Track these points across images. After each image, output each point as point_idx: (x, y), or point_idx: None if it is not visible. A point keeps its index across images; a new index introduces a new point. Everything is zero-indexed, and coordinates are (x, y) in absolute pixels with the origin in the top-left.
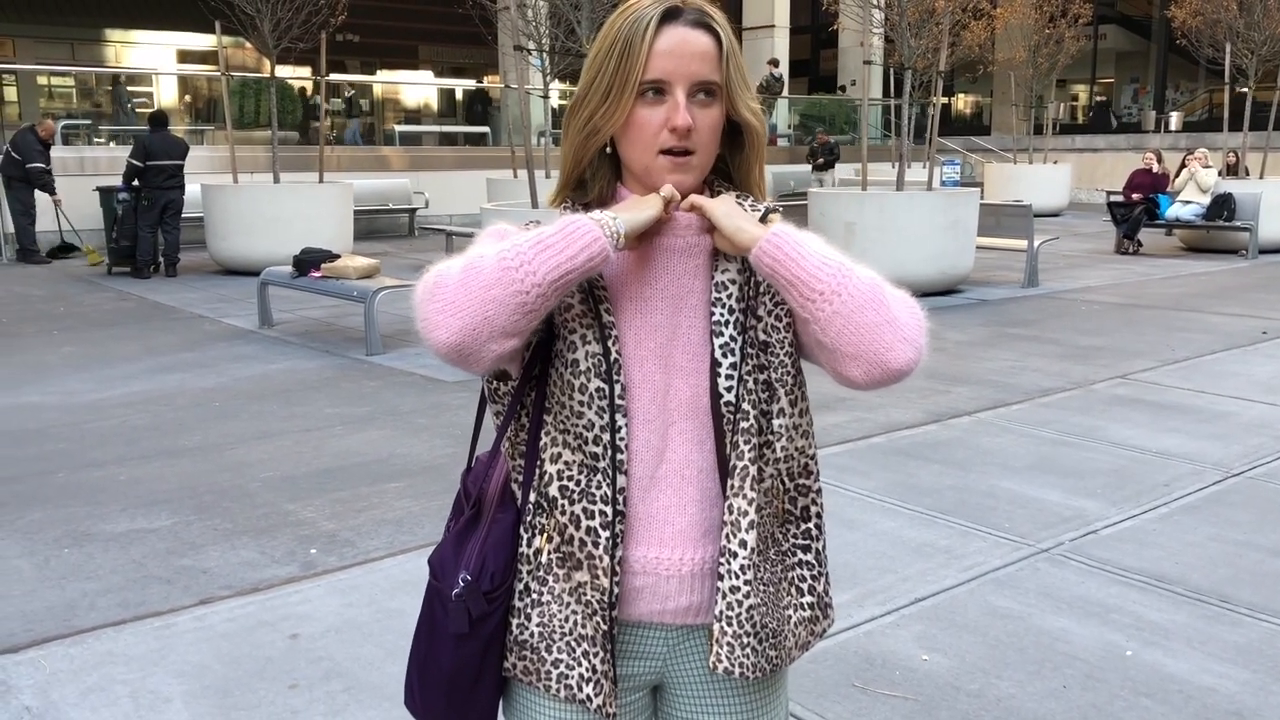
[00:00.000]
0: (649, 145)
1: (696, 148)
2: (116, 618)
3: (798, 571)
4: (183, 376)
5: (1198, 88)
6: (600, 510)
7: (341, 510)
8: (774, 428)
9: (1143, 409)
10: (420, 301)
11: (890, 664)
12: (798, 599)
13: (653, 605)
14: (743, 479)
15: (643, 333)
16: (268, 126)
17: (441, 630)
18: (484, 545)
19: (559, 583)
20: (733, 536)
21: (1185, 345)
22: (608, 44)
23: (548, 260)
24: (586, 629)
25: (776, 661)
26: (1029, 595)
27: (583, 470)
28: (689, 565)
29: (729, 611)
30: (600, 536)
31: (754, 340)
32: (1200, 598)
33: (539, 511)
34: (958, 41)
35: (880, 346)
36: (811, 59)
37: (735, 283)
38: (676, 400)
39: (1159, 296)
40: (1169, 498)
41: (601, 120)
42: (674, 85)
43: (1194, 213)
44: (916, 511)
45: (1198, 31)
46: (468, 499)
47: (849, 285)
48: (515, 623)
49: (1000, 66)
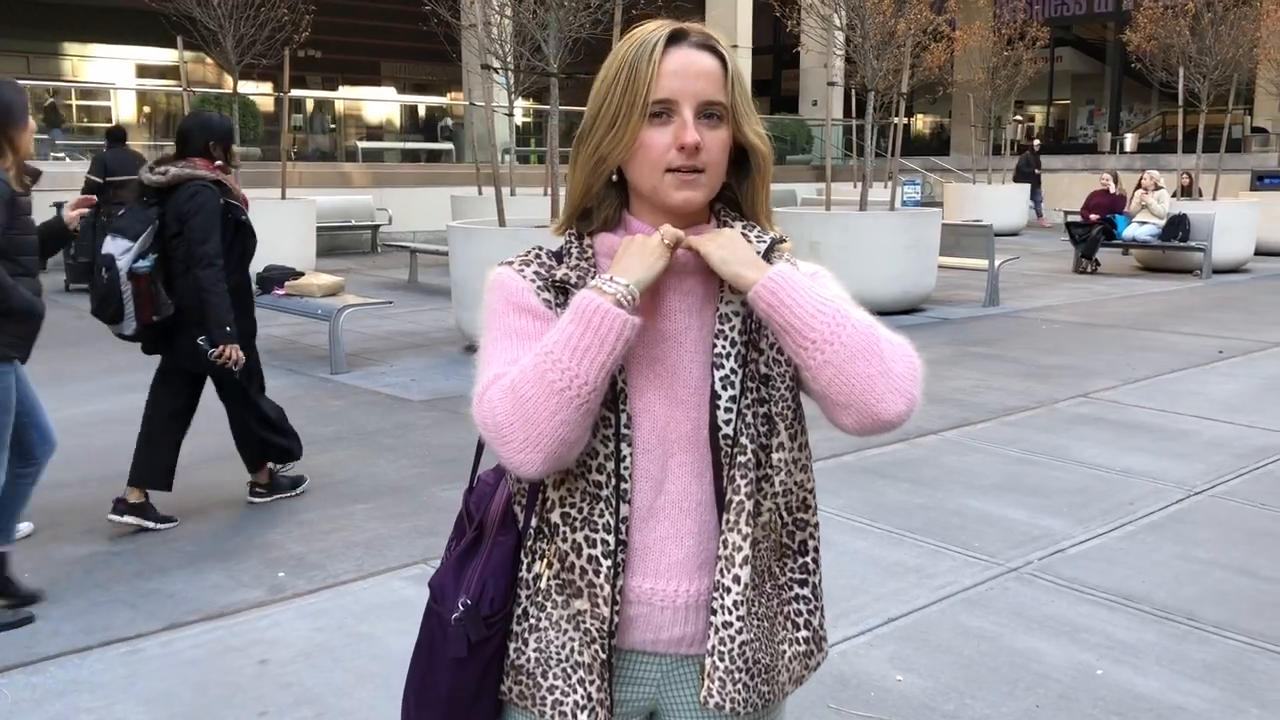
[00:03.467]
0: (656, 165)
1: (705, 166)
2: (80, 644)
3: (794, 605)
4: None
5: (1151, 110)
6: (602, 539)
7: (309, 532)
8: (773, 461)
9: (1105, 428)
10: (493, 444)
11: (865, 684)
12: (793, 633)
13: (646, 635)
14: (738, 513)
15: (644, 364)
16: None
17: (440, 653)
18: (484, 570)
19: (557, 609)
20: (727, 571)
21: (1144, 364)
22: (614, 70)
23: (591, 363)
24: (584, 656)
25: (769, 696)
26: (1000, 615)
27: (585, 498)
28: (684, 597)
29: (721, 646)
30: (601, 565)
31: (755, 373)
32: (1168, 616)
33: (540, 537)
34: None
35: (871, 397)
36: (773, 79)
37: (738, 314)
38: (677, 432)
39: (1117, 316)
40: (1133, 516)
41: (610, 145)
42: (681, 105)
43: (1150, 233)
44: (886, 531)
45: (1152, 55)
46: (470, 520)
47: (842, 334)
48: (513, 647)
49: (959, 88)
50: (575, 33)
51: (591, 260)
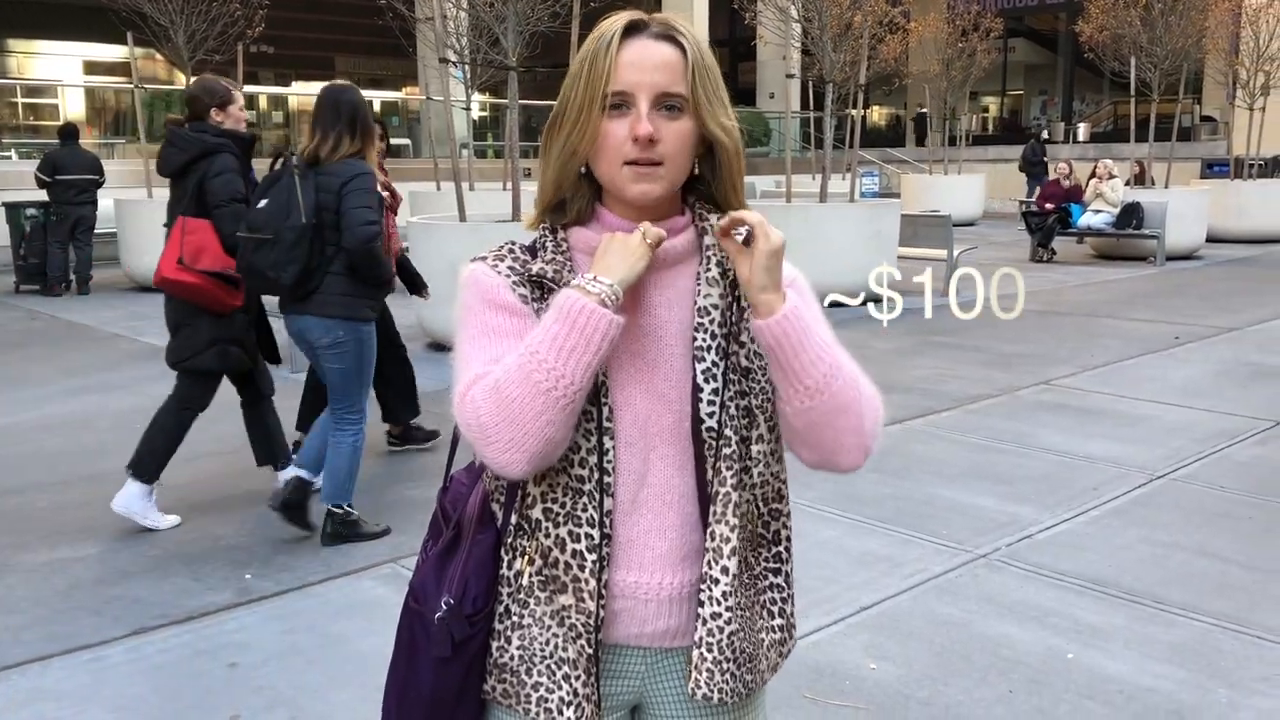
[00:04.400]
0: (614, 158)
1: (664, 159)
2: (43, 652)
3: (769, 595)
4: (101, 398)
5: (1103, 100)
6: (586, 533)
7: (276, 533)
8: (752, 454)
9: (1067, 414)
10: (477, 444)
11: (839, 674)
12: (769, 621)
13: (630, 629)
14: (725, 505)
15: (625, 358)
16: None
17: (423, 654)
18: (466, 568)
19: (540, 605)
20: (715, 563)
21: (1103, 351)
22: (577, 65)
23: (577, 363)
24: (569, 652)
25: (752, 685)
26: (971, 601)
27: (568, 493)
28: (668, 590)
29: (709, 638)
30: (586, 559)
31: (736, 366)
32: (1135, 599)
33: (520, 533)
34: (875, 55)
35: (837, 448)
36: (731, 72)
37: (718, 308)
38: (659, 425)
39: (1075, 304)
40: (1098, 501)
41: (576, 139)
42: (636, 96)
43: (1104, 221)
44: (857, 520)
45: (1103, 45)
46: (446, 520)
47: (833, 385)
48: (495, 645)
49: (915, 79)
50: (534, 26)
51: (567, 254)
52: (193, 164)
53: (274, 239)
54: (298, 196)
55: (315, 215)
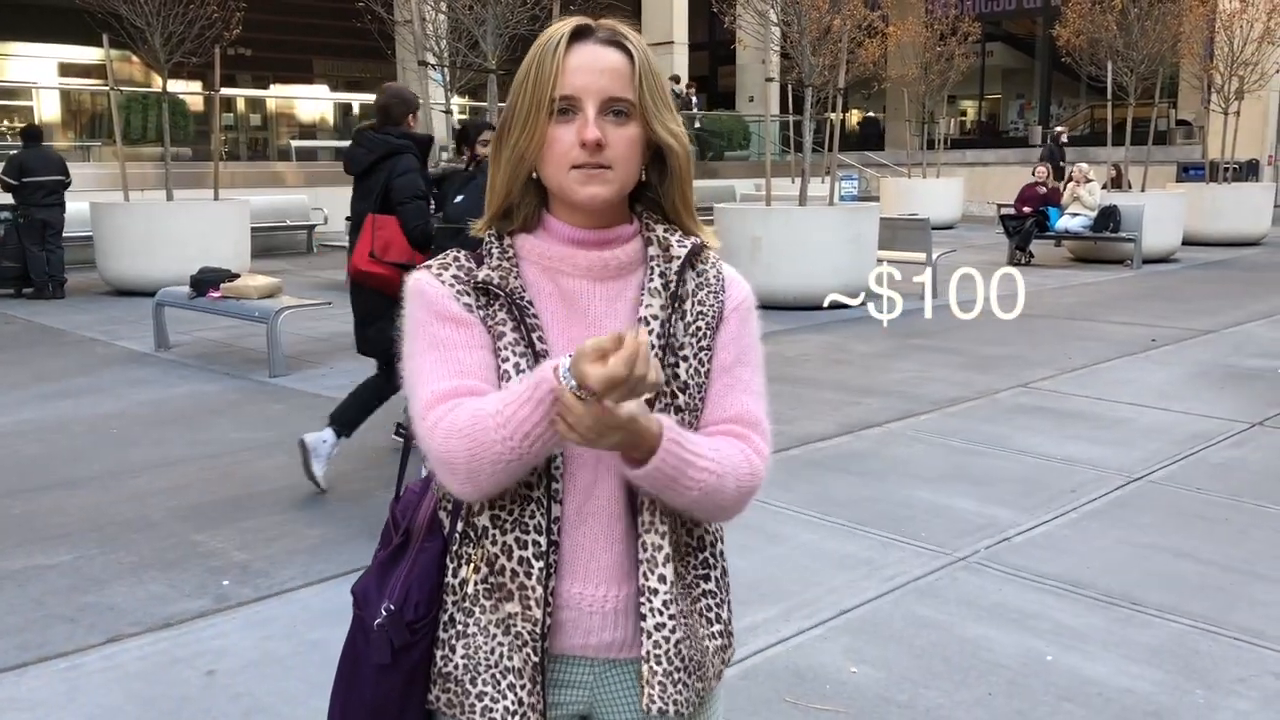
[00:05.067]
0: (561, 163)
1: (612, 164)
2: (17, 661)
3: (704, 601)
4: (76, 403)
5: (1080, 104)
6: (534, 540)
7: (253, 540)
8: None
9: (1045, 417)
10: (437, 470)
11: (820, 677)
12: (709, 629)
13: (575, 640)
14: (653, 514)
15: None
16: (156, 142)
17: (364, 661)
18: (409, 575)
19: (485, 614)
20: (651, 573)
21: (1081, 353)
22: (523, 70)
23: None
24: (514, 661)
25: (703, 694)
26: (950, 604)
27: (515, 500)
28: (613, 602)
29: (657, 650)
30: (533, 567)
31: (672, 378)
32: (1112, 601)
33: (466, 541)
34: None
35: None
36: (710, 75)
37: (658, 319)
38: None
39: (1053, 306)
40: (1076, 503)
41: (523, 144)
42: (584, 101)
43: (1082, 224)
44: (836, 523)
45: (1080, 50)
46: (396, 528)
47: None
48: (440, 654)
49: (894, 83)
50: (513, 28)
51: (513, 260)
52: (378, 164)
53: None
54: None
55: None
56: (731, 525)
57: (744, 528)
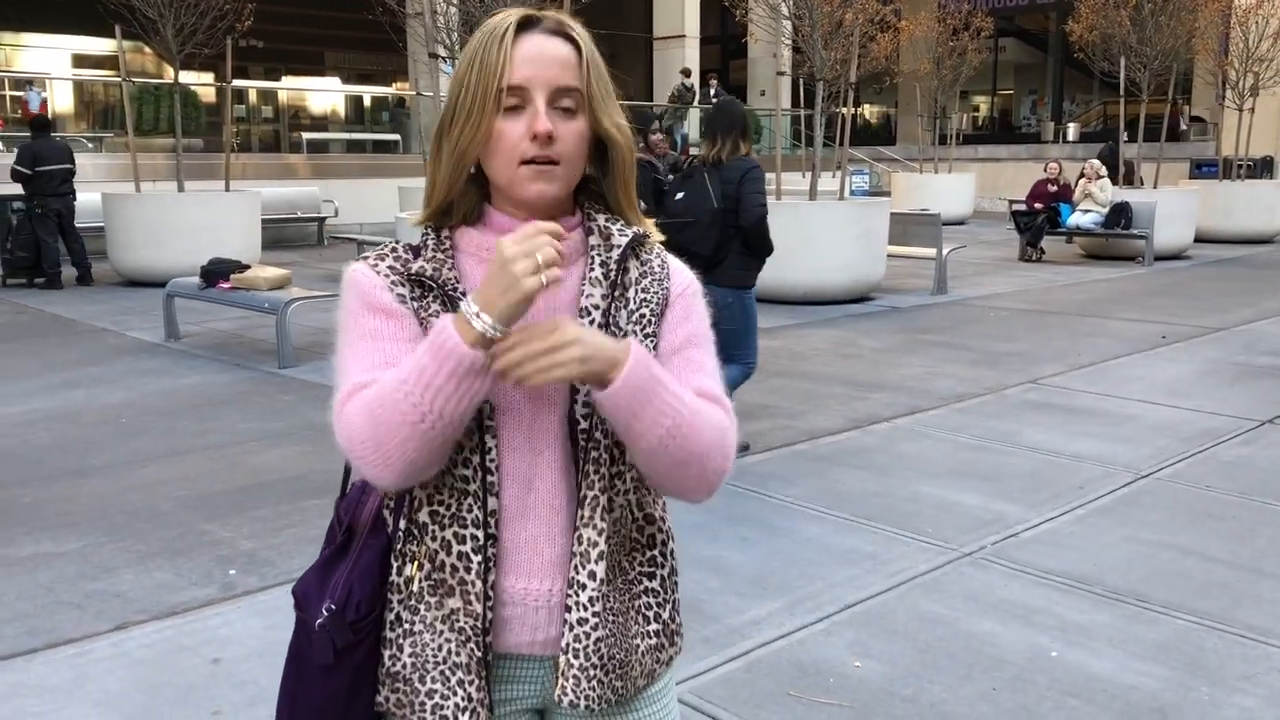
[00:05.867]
0: (510, 157)
1: (560, 158)
2: (26, 647)
3: (644, 600)
4: (87, 392)
5: (1093, 100)
6: (472, 535)
7: (260, 529)
8: (626, 458)
9: (1054, 413)
10: (348, 457)
11: (824, 671)
12: (644, 627)
13: (522, 636)
14: (593, 509)
15: None
16: (168, 133)
17: (308, 663)
18: (350, 573)
19: (431, 611)
20: (581, 568)
21: (1091, 350)
22: (466, 62)
23: (446, 401)
24: (460, 656)
25: (623, 692)
26: (955, 599)
27: (453, 494)
28: (558, 597)
29: (576, 644)
30: (472, 561)
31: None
32: (1119, 597)
33: (409, 539)
34: (865, 53)
35: (680, 491)
36: (721, 69)
37: (599, 308)
38: (543, 428)
39: (1063, 302)
40: (1084, 500)
41: (466, 139)
42: (533, 92)
43: (1093, 221)
44: (842, 518)
45: (1093, 45)
46: (340, 526)
47: (670, 446)
48: (387, 654)
49: (905, 78)
50: None
51: (448, 252)
52: None
53: (694, 221)
54: (709, 188)
55: (723, 201)
56: (736, 518)
57: (748, 521)
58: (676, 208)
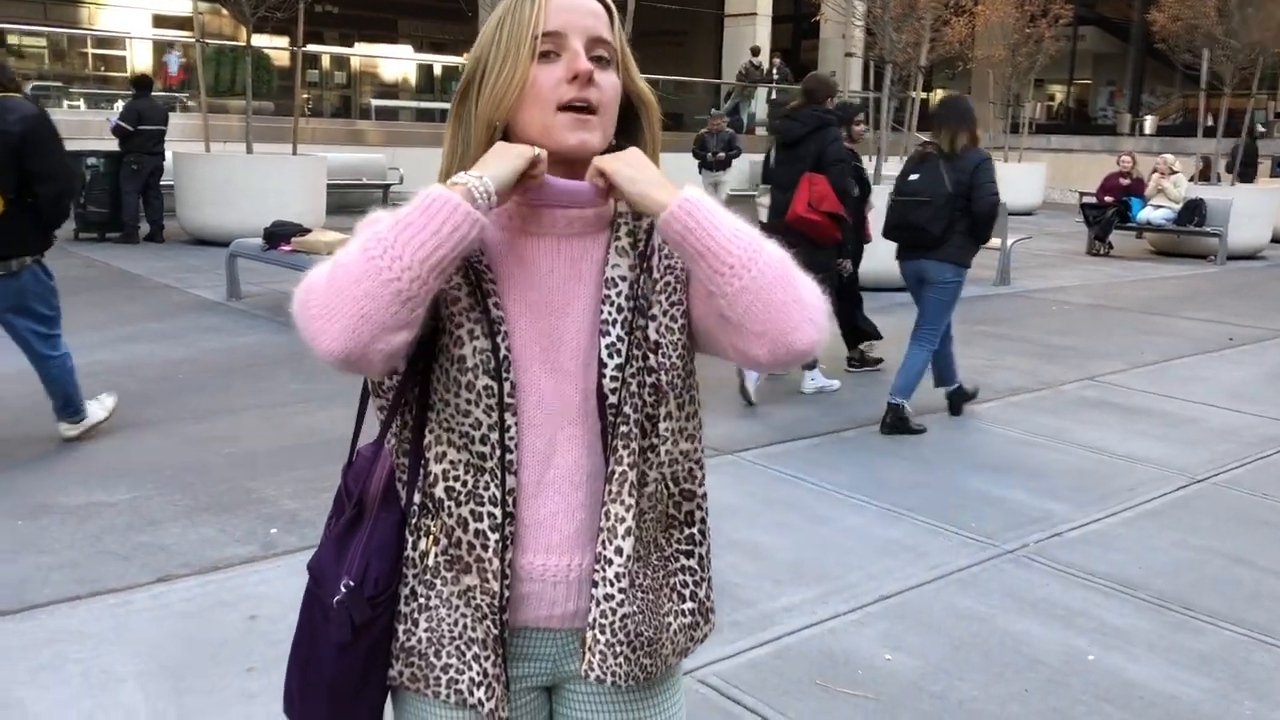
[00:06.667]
0: (548, 102)
1: (599, 107)
2: (71, 594)
3: (680, 578)
4: (148, 347)
5: (1173, 92)
6: (489, 512)
7: (304, 489)
8: (659, 431)
9: (1110, 411)
10: (297, 314)
11: (853, 662)
12: (679, 605)
13: (539, 611)
14: (620, 484)
15: (530, 336)
16: (242, 95)
17: (323, 639)
18: (367, 548)
19: (447, 586)
20: (609, 543)
21: (1154, 349)
22: (495, 21)
23: (412, 240)
24: (476, 632)
25: (651, 670)
26: (994, 596)
27: (469, 470)
28: (576, 571)
29: (602, 619)
30: (489, 539)
31: (642, 340)
32: (1163, 604)
33: (424, 513)
34: (938, 37)
35: (787, 325)
36: (792, 49)
37: (626, 279)
38: (564, 404)
39: (1129, 299)
40: (1134, 502)
41: (501, 90)
42: (570, 38)
43: (1165, 217)
44: (884, 508)
45: (1176, 36)
46: (349, 497)
47: (760, 261)
48: (402, 629)
49: (979, 64)
50: None
51: None
52: (810, 135)
53: (929, 201)
54: (943, 174)
55: (956, 187)
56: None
57: (789, 506)
58: (911, 188)
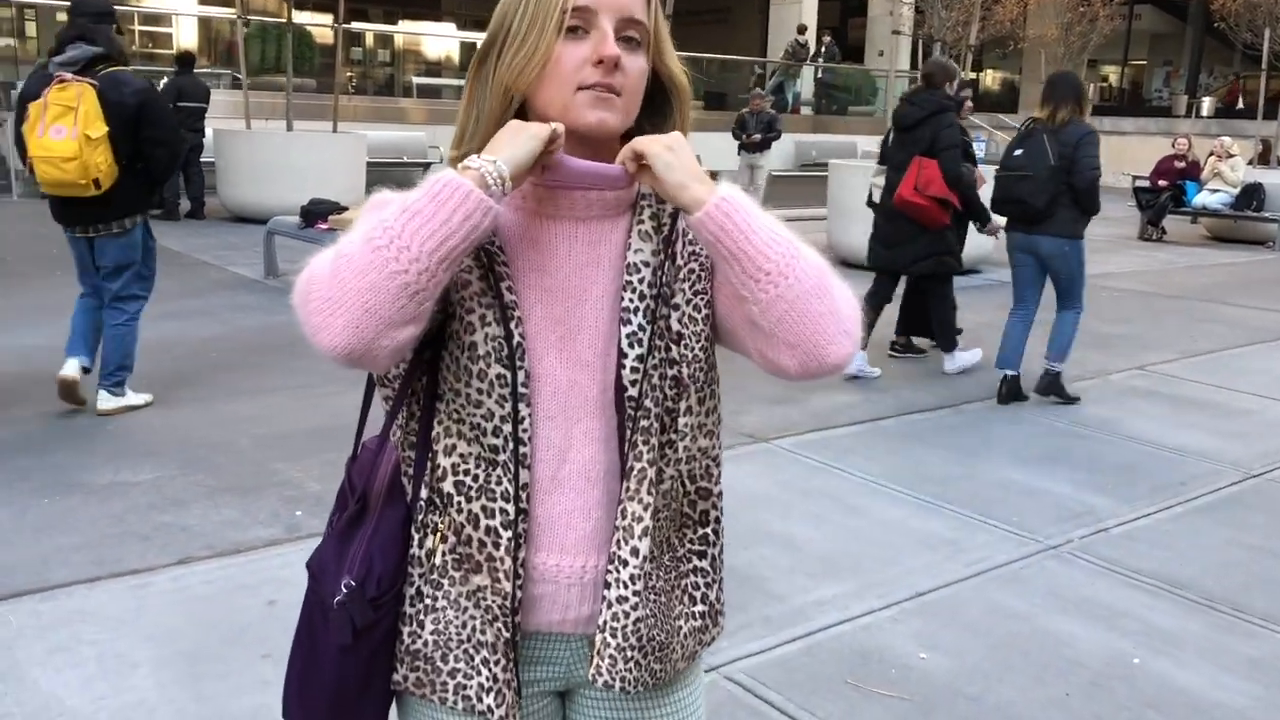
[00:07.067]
0: (568, 81)
1: (623, 90)
2: (90, 574)
3: (691, 579)
4: (183, 324)
5: (1232, 73)
6: (501, 508)
7: (331, 472)
8: (679, 426)
9: (1160, 402)
10: (298, 306)
11: (887, 661)
12: (690, 608)
13: (553, 615)
14: (639, 481)
15: (546, 324)
16: (282, 73)
17: (323, 641)
18: (370, 546)
19: (455, 586)
20: (624, 543)
21: (1207, 338)
22: None
23: (420, 230)
24: (486, 635)
25: (660, 675)
26: (1035, 595)
27: (480, 464)
28: (591, 573)
29: (614, 623)
30: (501, 537)
31: (665, 330)
32: (1213, 605)
33: (431, 509)
34: (989, 15)
35: (822, 338)
36: (840, 26)
37: (648, 265)
38: (581, 396)
39: (1182, 286)
40: (1184, 497)
41: (520, 63)
42: (600, 16)
43: (1222, 201)
44: (923, 500)
45: (1237, 15)
46: (352, 492)
47: (797, 268)
48: (406, 631)
49: (1031, 43)
50: None
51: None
52: (926, 119)
53: (1033, 175)
54: (1046, 148)
55: (1059, 161)
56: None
57: (824, 497)
58: (1015, 162)
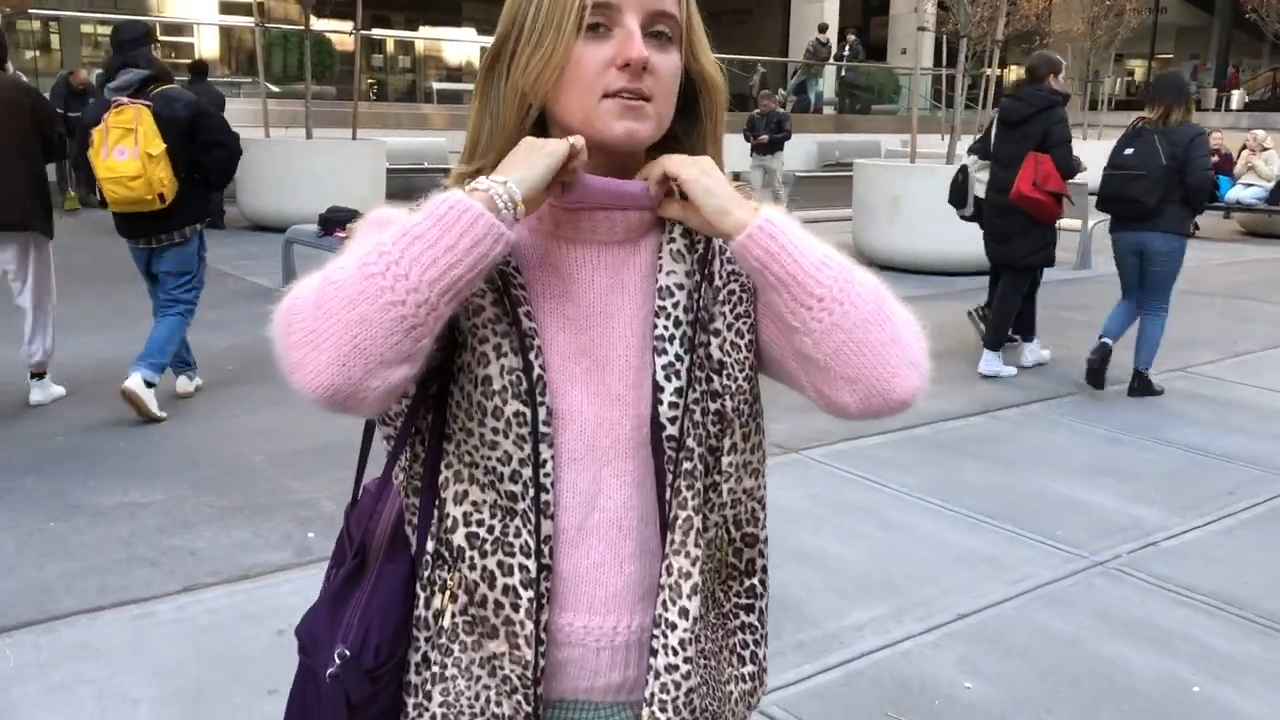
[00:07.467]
0: (590, 88)
1: (654, 95)
2: (94, 604)
3: (740, 636)
4: (200, 336)
5: (1261, 65)
6: (520, 564)
7: (344, 490)
8: (722, 466)
9: (1203, 405)
10: (276, 339)
11: (929, 690)
12: (739, 669)
13: (579, 682)
14: (685, 532)
15: (569, 354)
16: (301, 80)
17: (314, 717)
18: (367, 609)
19: (466, 652)
20: (672, 604)
21: (1247, 337)
22: None
23: (421, 256)
24: (503, 708)
25: None
26: (1083, 615)
27: (496, 513)
28: (624, 634)
29: (663, 695)
30: (521, 597)
31: (704, 360)
32: (1275, 626)
33: (439, 564)
34: (1015, 10)
35: (885, 371)
36: (863, 24)
37: (683, 288)
38: (612, 436)
39: (1218, 283)
40: (1234, 507)
41: (536, 68)
42: (624, 12)
43: (1256, 195)
44: (961, 513)
45: (1268, 6)
46: (351, 543)
47: (853, 293)
48: (411, 703)
49: (1057, 38)
50: None
51: None
52: (1035, 115)
53: (1145, 174)
54: (1158, 147)
55: (1170, 160)
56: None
57: (858, 511)
58: (1127, 161)
